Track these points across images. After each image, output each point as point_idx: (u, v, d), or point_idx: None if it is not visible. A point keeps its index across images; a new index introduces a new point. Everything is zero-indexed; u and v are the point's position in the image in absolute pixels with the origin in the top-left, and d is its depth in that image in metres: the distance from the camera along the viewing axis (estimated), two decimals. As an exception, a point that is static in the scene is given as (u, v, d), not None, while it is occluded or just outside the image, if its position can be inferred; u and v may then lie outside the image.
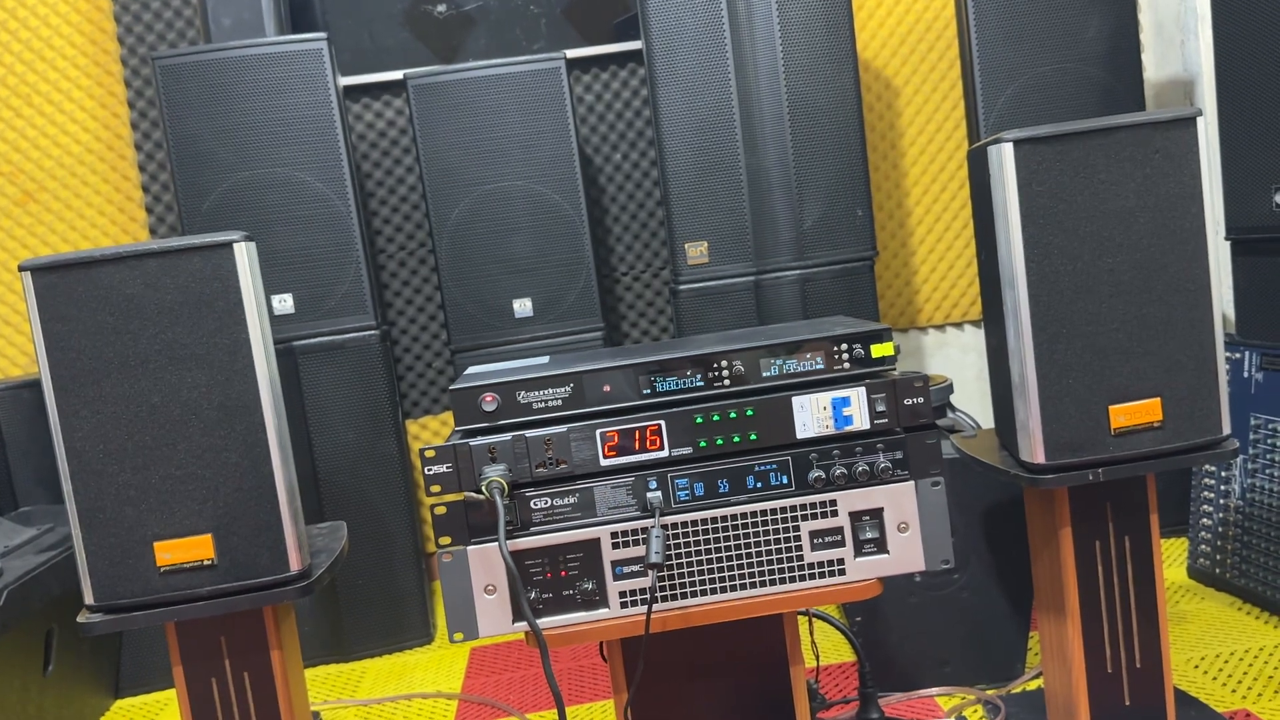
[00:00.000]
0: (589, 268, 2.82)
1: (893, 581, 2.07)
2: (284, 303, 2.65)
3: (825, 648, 2.43)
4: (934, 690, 2.12)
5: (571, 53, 3.09)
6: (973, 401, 3.30)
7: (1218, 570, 2.44)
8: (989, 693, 2.09)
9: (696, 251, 2.75)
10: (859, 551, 1.37)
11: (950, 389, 2.37)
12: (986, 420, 3.11)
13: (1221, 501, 2.43)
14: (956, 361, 3.33)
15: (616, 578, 1.36)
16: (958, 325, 3.33)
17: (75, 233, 3.06)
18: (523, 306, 2.83)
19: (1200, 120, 1.62)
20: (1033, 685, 2.10)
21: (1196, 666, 2.12)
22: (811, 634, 1.85)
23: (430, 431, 3.25)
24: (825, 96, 2.71)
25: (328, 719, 2.41)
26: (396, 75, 3.09)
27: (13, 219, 3.04)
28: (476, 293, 2.82)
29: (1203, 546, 2.49)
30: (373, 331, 2.69)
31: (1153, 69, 3.12)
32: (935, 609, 2.11)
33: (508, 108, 2.77)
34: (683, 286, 2.76)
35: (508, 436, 1.36)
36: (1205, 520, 2.48)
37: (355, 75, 3.12)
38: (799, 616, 1.54)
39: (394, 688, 2.53)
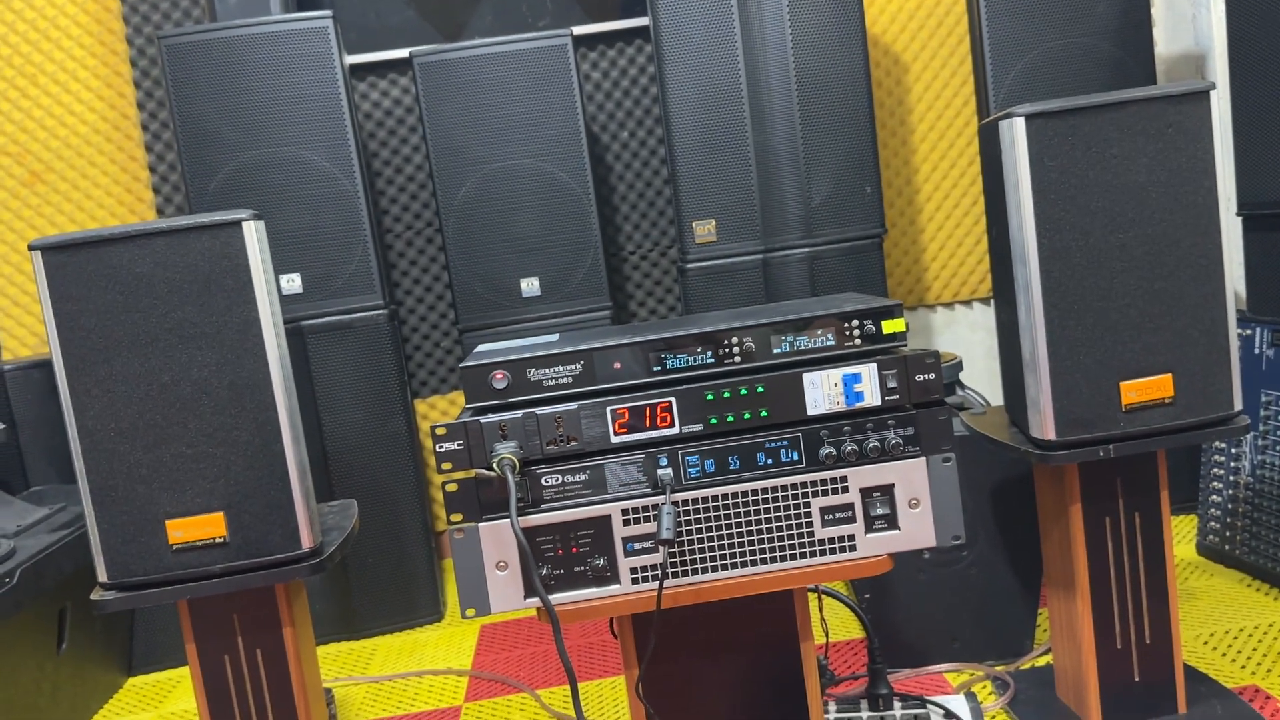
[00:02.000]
0: (596, 246, 2.82)
1: (902, 558, 2.07)
2: (292, 283, 2.65)
3: (834, 624, 2.44)
4: (943, 666, 2.12)
5: (578, 29, 3.07)
6: (981, 380, 3.30)
7: (1227, 547, 2.44)
8: (998, 669, 2.09)
9: (704, 230, 2.74)
10: (870, 527, 1.37)
11: (960, 366, 2.36)
12: (995, 398, 3.11)
13: (1231, 478, 2.42)
14: (965, 339, 3.32)
15: (628, 554, 1.36)
16: (966, 303, 3.32)
17: (83, 213, 3.06)
18: (530, 286, 2.82)
19: (1213, 94, 1.61)
20: (1041, 661, 2.11)
21: (1206, 643, 2.12)
22: (821, 610, 1.85)
23: (438, 411, 3.26)
24: (834, 73, 2.69)
25: (339, 696, 2.42)
26: (402, 53, 3.08)
27: (20, 200, 3.04)
28: (484, 272, 2.81)
29: (1212, 523, 2.49)
30: (380, 311, 2.69)
31: (1163, 43, 3.10)
32: (944, 586, 2.11)
33: (514, 86, 2.76)
34: (690, 265, 2.75)
35: (518, 414, 1.35)
36: (1215, 497, 2.47)
37: (361, 54, 3.10)
38: (809, 593, 1.54)
39: (405, 664, 2.55)
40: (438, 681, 2.43)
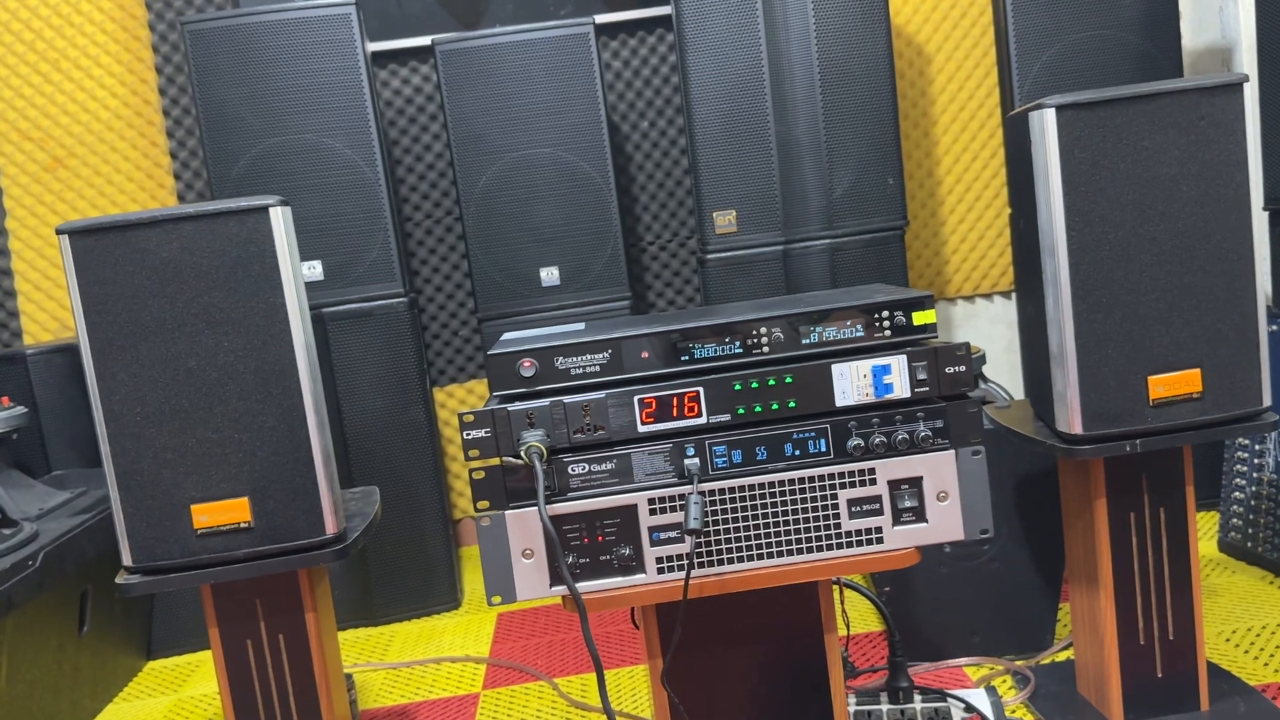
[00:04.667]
0: (616, 236, 2.81)
1: (923, 552, 2.06)
2: (313, 270, 2.65)
3: (854, 617, 2.43)
4: (963, 660, 2.12)
5: (600, 18, 3.06)
6: (1002, 373, 3.28)
7: (1249, 544, 2.42)
8: (1018, 663, 2.08)
9: (725, 220, 2.73)
10: (897, 520, 1.37)
11: (983, 360, 2.35)
12: (1017, 392, 3.09)
13: (1255, 475, 2.40)
14: (986, 333, 3.31)
15: (654, 544, 1.36)
16: (987, 296, 3.31)
17: (104, 199, 3.07)
18: (550, 275, 2.82)
19: (1246, 87, 1.59)
20: (1062, 656, 2.10)
21: (1228, 640, 2.11)
22: (842, 603, 1.85)
23: (456, 400, 3.26)
24: (857, 63, 2.68)
25: (359, 681, 2.43)
26: (424, 41, 3.07)
27: (42, 184, 3.05)
28: (503, 261, 2.81)
29: (1234, 520, 2.47)
30: (401, 299, 2.69)
31: (1190, 36, 3.07)
32: (965, 580, 2.10)
33: (536, 74, 2.75)
34: (710, 256, 2.74)
35: (546, 402, 1.35)
36: (1238, 494, 2.46)
37: (382, 41, 3.10)
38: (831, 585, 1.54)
39: (423, 651, 2.55)
40: (455, 668, 2.44)
